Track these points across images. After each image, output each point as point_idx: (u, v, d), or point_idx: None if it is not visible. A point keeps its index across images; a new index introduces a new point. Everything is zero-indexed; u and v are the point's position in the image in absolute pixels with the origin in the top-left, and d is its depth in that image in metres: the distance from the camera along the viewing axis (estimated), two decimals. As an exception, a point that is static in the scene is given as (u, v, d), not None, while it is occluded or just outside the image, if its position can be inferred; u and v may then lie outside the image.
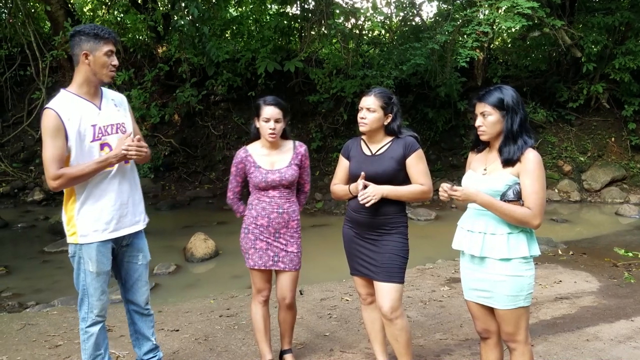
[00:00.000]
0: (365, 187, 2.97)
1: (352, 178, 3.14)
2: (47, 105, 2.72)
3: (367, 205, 2.93)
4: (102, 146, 2.79)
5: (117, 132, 2.86)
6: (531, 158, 2.51)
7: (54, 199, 10.77)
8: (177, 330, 4.26)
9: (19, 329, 4.35)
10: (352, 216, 3.16)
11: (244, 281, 6.02)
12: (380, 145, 3.11)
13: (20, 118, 12.41)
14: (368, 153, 3.13)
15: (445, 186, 2.56)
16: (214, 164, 12.38)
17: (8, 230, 8.83)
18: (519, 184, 2.53)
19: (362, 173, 2.99)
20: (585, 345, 3.97)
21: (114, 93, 3.00)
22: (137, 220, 2.99)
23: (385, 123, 3.08)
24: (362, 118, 3.06)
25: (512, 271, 2.55)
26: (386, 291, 3.01)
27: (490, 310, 2.68)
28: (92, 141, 2.75)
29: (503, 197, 2.54)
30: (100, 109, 2.82)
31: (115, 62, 2.81)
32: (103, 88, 2.92)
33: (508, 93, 2.58)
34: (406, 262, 3.09)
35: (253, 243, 3.31)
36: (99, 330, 2.89)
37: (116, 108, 2.92)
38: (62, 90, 2.82)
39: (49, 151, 2.67)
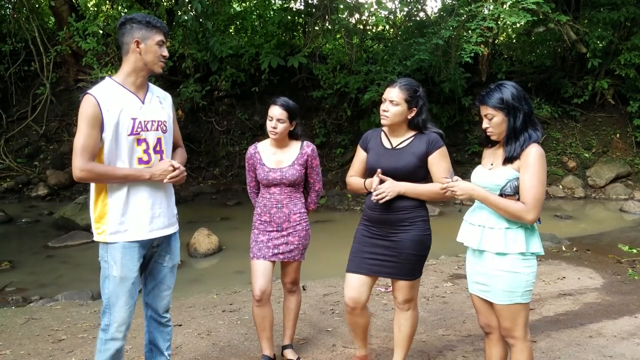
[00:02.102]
0: (382, 182, 2.89)
1: (369, 171, 3.04)
2: (88, 91, 2.56)
3: (380, 202, 2.87)
4: (139, 141, 2.62)
5: (157, 130, 2.69)
6: (532, 153, 2.49)
7: (58, 194, 10.82)
8: (180, 325, 4.27)
9: (23, 324, 4.37)
10: (369, 214, 3.04)
11: (247, 277, 6.02)
12: (402, 139, 3.00)
13: (25, 113, 12.45)
14: (388, 146, 3.02)
15: (444, 181, 2.59)
16: (217, 160, 12.39)
17: (12, 225, 8.86)
18: (518, 178, 2.52)
19: (379, 170, 2.90)
20: (588, 342, 3.96)
21: (159, 90, 2.84)
22: (170, 223, 2.82)
23: (409, 117, 2.96)
24: (385, 111, 2.94)
25: (508, 267, 2.54)
26: (401, 286, 3.02)
27: (492, 304, 2.68)
28: (129, 135, 2.59)
29: (503, 190, 2.54)
30: (143, 102, 2.66)
31: (166, 53, 2.67)
32: (150, 83, 2.77)
33: (507, 91, 2.53)
34: (423, 259, 3.05)
35: (256, 237, 3.38)
36: (116, 351, 2.66)
37: (160, 105, 2.76)
38: (107, 78, 2.67)
39: (82, 139, 2.50)
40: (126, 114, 2.58)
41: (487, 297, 2.64)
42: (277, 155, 3.36)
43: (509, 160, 2.55)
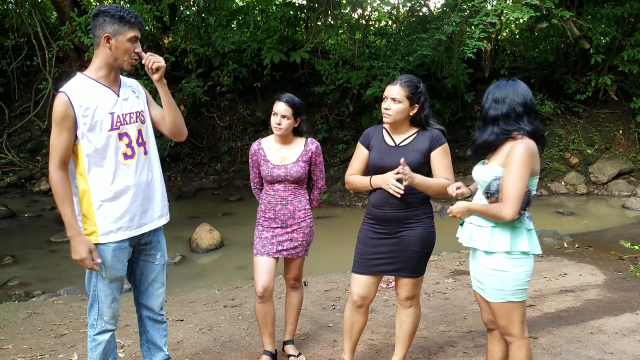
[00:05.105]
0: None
1: (372, 169, 3.01)
2: (60, 89, 2.47)
3: (401, 188, 2.76)
4: (120, 136, 2.55)
5: (136, 121, 2.63)
6: (517, 149, 2.44)
7: (61, 189, 10.81)
8: (182, 320, 4.28)
9: (25, 318, 4.39)
10: (375, 213, 3.00)
11: (248, 272, 6.03)
12: (405, 136, 2.98)
13: (27, 108, 12.44)
14: (391, 143, 2.99)
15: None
16: (219, 155, 12.39)
17: (15, 220, 8.89)
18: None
19: (402, 159, 2.77)
20: (590, 338, 3.96)
21: (129, 80, 2.76)
22: (160, 214, 2.76)
23: (411, 114, 2.94)
24: (386, 109, 2.90)
25: (495, 265, 2.53)
26: (404, 283, 3.04)
27: (489, 301, 2.69)
28: (109, 130, 2.52)
29: (488, 189, 2.54)
30: (118, 95, 2.59)
31: (139, 49, 2.56)
32: (120, 75, 2.68)
33: (496, 85, 2.64)
34: (427, 256, 3.05)
35: (260, 234, 3.37)
36: (108, 341, 2.67)
37: (134, 95, 2.69)
38: (78, 74, 2.58)
39: (52, 140, 2.49)
40: (103, 109, 2.51)
41: (482, 294, 2.66)
42: (281, 152, 3.35)
43: (481, 147, 2.63)
